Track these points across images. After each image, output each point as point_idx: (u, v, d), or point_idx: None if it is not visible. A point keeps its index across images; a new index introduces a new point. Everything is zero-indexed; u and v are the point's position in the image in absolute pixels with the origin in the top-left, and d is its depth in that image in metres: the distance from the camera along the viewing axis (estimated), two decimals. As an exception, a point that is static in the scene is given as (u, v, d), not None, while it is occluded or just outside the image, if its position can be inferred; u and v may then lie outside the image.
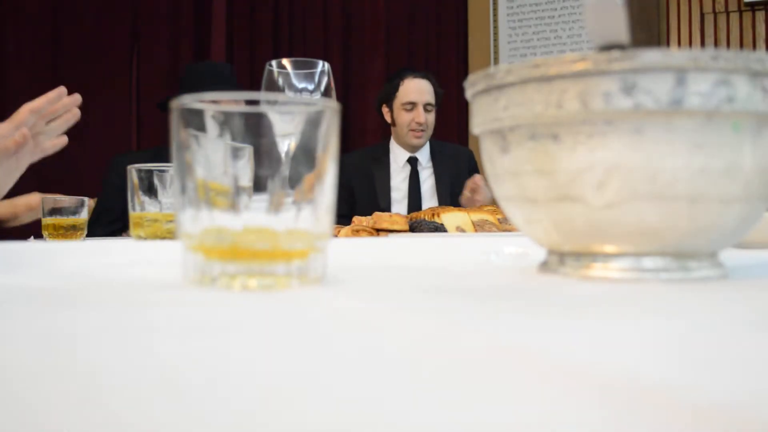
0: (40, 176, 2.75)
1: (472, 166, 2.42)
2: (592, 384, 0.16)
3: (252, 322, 0.25)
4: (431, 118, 2.30)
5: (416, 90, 2.27)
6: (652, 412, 0.14)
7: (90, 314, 0.28)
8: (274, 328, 0.24)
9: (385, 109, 2.35)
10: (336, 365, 0.19)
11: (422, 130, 2.27)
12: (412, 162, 2.34)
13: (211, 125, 0.33)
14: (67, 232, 1.36)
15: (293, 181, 0.34)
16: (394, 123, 2.33)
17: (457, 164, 2.37)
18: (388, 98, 2.33)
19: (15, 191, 1.30)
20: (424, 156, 2.35)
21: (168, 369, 0.18)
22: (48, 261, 0.55)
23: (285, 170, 0.34)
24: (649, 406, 0.15)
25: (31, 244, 0.82)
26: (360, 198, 2.26)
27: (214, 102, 0.33)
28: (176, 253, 0.37)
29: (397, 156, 2.35)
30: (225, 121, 0.34)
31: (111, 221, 1.90)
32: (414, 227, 1.28)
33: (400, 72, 2.35)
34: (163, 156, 1.83)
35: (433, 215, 1.34)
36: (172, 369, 0.18)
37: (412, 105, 2.27)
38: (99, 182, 2.22)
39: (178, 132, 0.34)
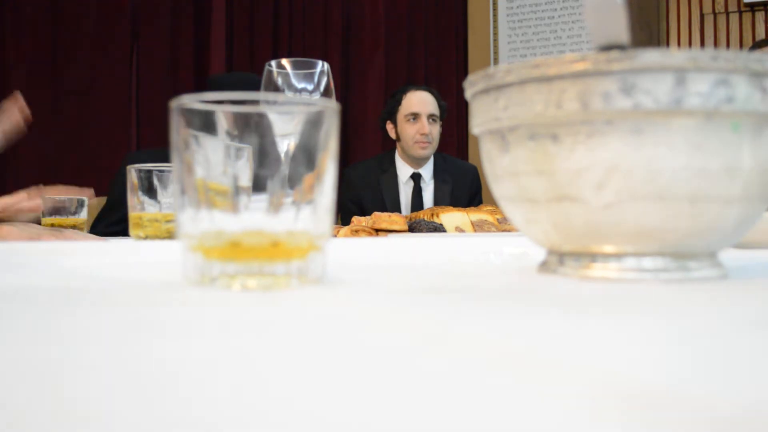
0: (40, 176, 2.75)
1: (476, 185, 2.41)
2: (591, 384, 0.16)
3: (251, 322, 0.25)
4: (435, 129, 2.30)
5: (419, 101, 2.28)
6: (652, 413, 0.14)
7: (90, 314, 0.28)
8: (274, 328, 0.24)
9: (389, 126, 2.36)
10: (335, 365, 0.19)
11: (427, 141, 2.27)
12: (416, 178, 2.34)
13: (210, 125, 0.33)
14: (67, 232, 1.36)
15: (293, 182, 0.34)
16: (398, 137, 2.33)
17: (461, 182, 2.37)
18: (392, 114, 2.33)
19: (14, 191, 1.30)
20: (427, 172, 2.35)
21: (167, 369, 0.18)
22: (48, 261, 0.55)
23: (284, 170, 0.34)
24: (649, 407, 0.15)
25: (31, 244, 0.82)
26: (369, 210, 2.25)
27: (214, 102, 0.34)
28: (176, 253, 0.37)
29: (401, 171, 2.35)
30: (224, 121, 0.34)
31: (113, 222, 1.87)
32: (413, 227, 1.28)
33: (403, 87, 2.37)
34: None
35: (432, 215, 1.34)
36: (172, 369, 0.18)
37: (416, 116, 2.27)
38: (98, 182, 2.21)
39: (177, 132, 0.34)
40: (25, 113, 1.49)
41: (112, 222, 1.87)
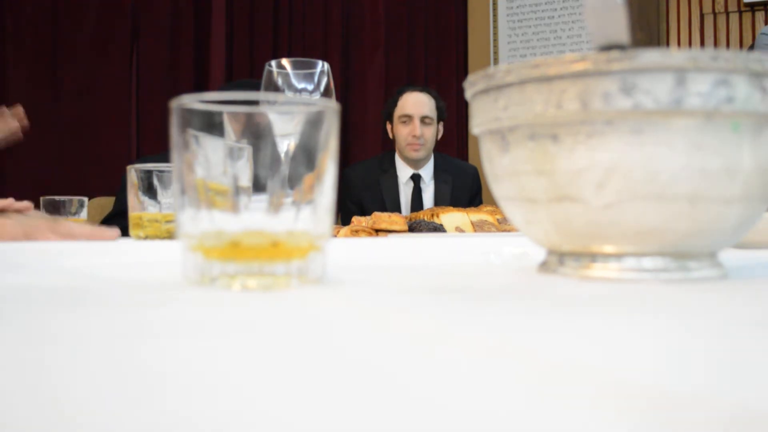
0: (40, 176, 2.75)
1: (476, 185, 2.41)
2: (591, 384, 0.16)
3: (251, 322, 0.25)
4: (429, 131, 2.28)
5: (412, 103, 2.27)
6: (652, 412, 0.14)
7: (90, 314, 0.28)
8: (274, 328, 0.24)
9: (388, 126, 2.37)
10: (335, 365, 0.19)
11: (419, 144, 2.26)
12: (415, 179, 2.34)
13: (210, 125, 0.33)
14: (67, 232, 1.36)
15: (293, 182, 0.34)
16: (395, 138, 2.34)
17: (461, 183, 2.37)
18: (390, 114, 2.34)
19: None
20: (427, 173, 2.34)
21: (167, 369, 0.18)
22: (48, 261, 0.55)
23: (284, 170, 0.34)
24: (649, 407, 0.15)
25: (31, 244, 0.82)
26: (369, 211, 2.24)
27: (214, 102, 0.34)
28: (176, 253, 0.37)
29: (401, 172, 2.35)
30: (225, 121, 0.34)
31: (123, 226, 1.82)
32: (413, 227, 1.28)
33: (401, 88, 2.37)
34: None
35: (432, 215, 1.34)
36: (172, 369, 0.18)
37: (408, 118, 2.27)
38: (98, 182, 2.21)
39: (177, 132, 0.34)
40: (22, 121, 1.56)
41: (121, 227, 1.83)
